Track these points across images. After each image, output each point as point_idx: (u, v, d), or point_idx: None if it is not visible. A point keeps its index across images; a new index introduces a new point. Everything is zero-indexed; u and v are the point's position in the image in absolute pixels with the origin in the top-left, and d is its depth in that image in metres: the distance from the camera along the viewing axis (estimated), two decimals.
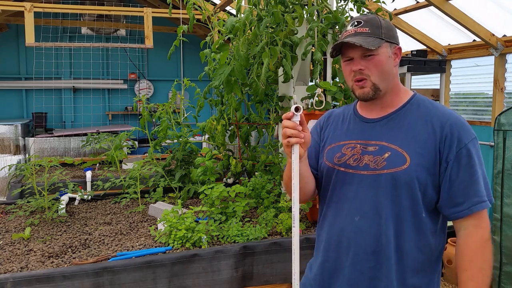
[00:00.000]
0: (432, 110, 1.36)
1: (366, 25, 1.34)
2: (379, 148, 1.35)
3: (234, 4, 3.07)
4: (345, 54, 1.38)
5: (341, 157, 1.41)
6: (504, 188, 2.89)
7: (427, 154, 1.30)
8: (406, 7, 4.23)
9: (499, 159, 2.92)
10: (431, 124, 1.32)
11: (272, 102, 3.31)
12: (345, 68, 1.40)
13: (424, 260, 1.34)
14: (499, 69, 3.91)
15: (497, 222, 2.98)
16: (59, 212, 2.88)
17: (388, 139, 1.35)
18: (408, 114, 1.37)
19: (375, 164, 1.34)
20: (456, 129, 1.30)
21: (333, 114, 1.57)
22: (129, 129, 3.85)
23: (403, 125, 1.35)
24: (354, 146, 1.40)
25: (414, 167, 1.29)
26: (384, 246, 1.32)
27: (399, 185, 1.30)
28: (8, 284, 1.85)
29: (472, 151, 1.30)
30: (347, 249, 1.37)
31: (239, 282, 2.22)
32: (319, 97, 2.75)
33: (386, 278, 1.33)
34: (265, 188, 2.89)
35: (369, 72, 1.34)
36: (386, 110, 1.40)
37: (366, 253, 1.34)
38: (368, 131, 1.40)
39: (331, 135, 1.50)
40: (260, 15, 2.71)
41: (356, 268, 1.35)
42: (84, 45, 5.88)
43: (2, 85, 7.43)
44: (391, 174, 1.30)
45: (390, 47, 1.36)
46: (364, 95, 1.37)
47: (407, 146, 1.31)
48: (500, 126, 2.92)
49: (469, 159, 1.29)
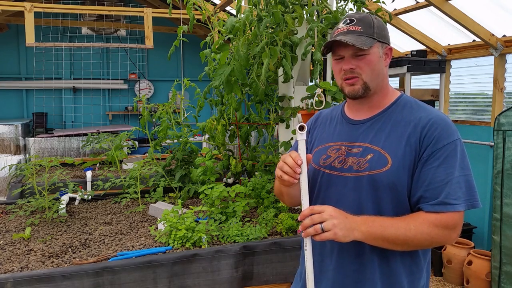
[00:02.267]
0: (417, 110, 1.34)
1: (359, 24, 1.33)
2: (362, 150, 1.34)
3: (234, 4, 3.07)
4: (336, 52, 1.36)
5: (327, 159, 1.41)
6: (504, 188, 2.89)
7: (408, 155, 1.27)
8: (406, 7, 4.24)
9: (499, 159, 2.93)
10: (413, 124, 1.30)
11: (272, 102, 3.31)
12: (335, 66, 1.39)
13: (409, 260, 1.32)
14: (499, 69, 3.91)
15: (497, 222, 2.98)
16: (59, 212, 2.88)
17: (372, 141, 1.34)
18: (393, 116, 1.36)
19: (358, 166, 1.33)
20: (437, 129, 1.27)
21: (321, 116, 1.57)
22: (129, 129, 3.85)
23: (387, 127, 1.34)
24: (339, 148, 1.40)
25: (396, 169, 1.27)
26: (368, 249, 1.31)
27: (380, 187, 1.28)
28: (8, 284, 1.85)
29: (451, 152, 1.25)
30: (330, 252, 1.36)
31: (239, 282, 2.22)
32: (319, 97, 2.75)
33: (369, 280, 1.32)
34: (265, 188, 2.89)
35: (360, 71, 1.33)
36: (373, 111, 1.40)
37: (350, 256, 1.33)
38: (353, 132, 1.40)
39: (318, 137, 1.50)
40: (260, 15, 2.72)
41: (340, 272, 1.34)
42: (84, 45, 5.89)
43: (2, 85, 7.43)
44: (372, 176, 1.29)
45: (382, 47, 1.35)
46: (353, 93, 1.36)
47: (390, 147, 1.30)
48: (499, 126, 2.93)
49: (446, 160, 1.24)
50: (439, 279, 3.99)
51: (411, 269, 1.33)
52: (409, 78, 4.30)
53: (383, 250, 1.30)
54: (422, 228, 1.22)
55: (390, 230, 1.21)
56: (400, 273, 1.31)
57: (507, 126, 2.88)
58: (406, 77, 4.32)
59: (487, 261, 3.35)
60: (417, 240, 1.22)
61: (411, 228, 1.21)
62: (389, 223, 1.23)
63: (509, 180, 2.86)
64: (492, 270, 3.13)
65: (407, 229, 1.21)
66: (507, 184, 2.87)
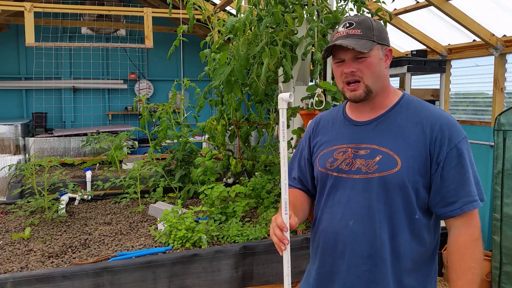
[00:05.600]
0: (421, 111, 1.35)
1: (358, 27, 1.34)
2: (370, 152, 1.35)
3: (234, 4, 3.07)
4: (337, 56, 1.37)
5: (333, 162, 1.41)
6: (504, 188, 2.89)
7: (418, 156, 1.29)
8: (406, 7, 4.23)
9: (499, 159, 2.92)
10: (421, 125, 1.32)
11: (272, 102, 3.31)
12: (336, 70, 1.40)
13: (419, 259, 1.34)
14: (499, 69, 3.91)
15: (497, 222, 2.98)
16: (59, 212, 2.88)
17: (379, 142, 1.34)
18: (398, 116, 1.37)
19: (367, 168, 1.33)
20: (446, 129, 1.30)
21: (322, 119, 1.57)
22: (129, 129, 3.85)
23: (393, 128, 1.35)
24: (346, 150, 1.40)
25: (405, 169, 1.29)
26: (379, 249, 1.32)
27: (391, 188, 1.30)
28: (8, 284, 1.85)
29: (463, 150, 1.29)
30: (342, 253, 1.37)
31: (239, 282, 2.22)
32: (319, 97, 2.74)
33: (382, 280, 1.33)
34: (265, 188, 2.89)
35: (361, 74, 1.34)
36: (376, 112, 1.40)
37: (362, 257, 1.34)
38: (358, 134, 1.40)
39: (321, 141, 1.50)
40: (260, 15, 2.71)
41: (352, 272, 1.35)
42: (84, 45, 5.88)
43: (2, 85, 7.43)
44: (383, 178, 1.30)
45: (382, 49, 1.36)
46: (355, 98, 1.37)
47: (398, 148, 1.31)
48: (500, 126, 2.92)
49: (460, 159, 1.29)
50: (439, 279, 3.99)
51: (421, 269, 1.36)
52: (409, 78, 4.30)
53: (395, 250, 1.32)
54: (474, 254, 1.28)
55: (474, 285, 1.26)
56: (411, 272, 1.33)
57: (508, 126, 2.87)
58: (406, 77, 4.32)
59: (487, 261, 3.35)
60: (481, 262, 1.30)
61: (474, 267, 1.28)
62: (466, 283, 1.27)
63: (509, 180, 2.86)
64: (492, 270, 3.13)
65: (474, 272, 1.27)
66: (507, 184, 2.87)
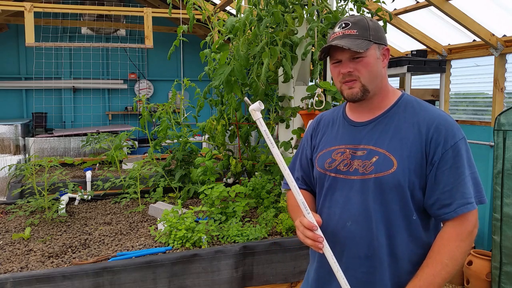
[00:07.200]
0: (419, 111, 1.34)
1: (354, 27, 1.34)
2: (367, 153, 1.34)
3: (234, 4, 3.07)
4: (334, 56, 1.38)
5: (332, 162, 1.41)
6: (504, 188, 2.89)
7: (414, 157, 1.29)
8: (406, 7, 4.24)
9: (499, 159, 2.93)
10: (417, 126, 1.31)
11: (272, 102, 3.30)
12: (333, 70, 1.40)
13: (418, 261, 1.33)
14: (499, 69, 3.91)
15: (497, 222, 2.98)
16: (59, 212, 2.88)
17: (376, 143, 1.34)
18: (395, 117, 1.36)
19: (364, 169, 1.33)
20: (442, 130, 1.28)
21: (322, 119, 1.57)
22: (129, 129, 3.85)
23: (390, 128, 1.35)
24: (344, 151, 1.40)
25: (402, 170, 1.28)
26: (377, 251, 1.31)
27: (387, 189, 1.29)
28: (8, 284, 1.85)
29: (459, 152, 1.27)
30: (340, 254, 1.36)
31: (239, 282, 2.21)
32: (319, 97, 2.74)
33: (380, 282, 1.32)
34: (265, 188, 2.89)
35: (358, 74, 1.33)
36: (374, 112, 1.40)
37: (360, 258, 1.34)
38: (356, 135, 1.40)
39: (321, 141, 1.50)
40: (260, 15, 2.71)
41: (350, 274, 1.34)
42: (84, 45, 5.88)
43: (2, 85, 7.43)
44: (379, 179, 1.30)
45: (379, 49, 1.36)
46: (352, 96, 1.36)
47: (394, 149, 1.30)
48: (500, 126, 2.93)
49: (456, 160, 1.27)
50: None
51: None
52: (409, 78, 4.30)
53: (392, 252, 1.31)
54: (452, 252, 1.26)
55: (438, 279, 1.25)
56: (410, 274, 1.32)
57: (508, 126, 2.87)
58: (406, 77, 4.32)
59: (487, 261, 3.35)
60: (458, 264, 1.26)
61: (448, 264, 1.25)
62: (431, 273, 1.26)
63: (509, 180, 2.86)
64: (492, 270, 3.13)
65: (445, 269, 1.25)
66: (507, 184, 2.87)
